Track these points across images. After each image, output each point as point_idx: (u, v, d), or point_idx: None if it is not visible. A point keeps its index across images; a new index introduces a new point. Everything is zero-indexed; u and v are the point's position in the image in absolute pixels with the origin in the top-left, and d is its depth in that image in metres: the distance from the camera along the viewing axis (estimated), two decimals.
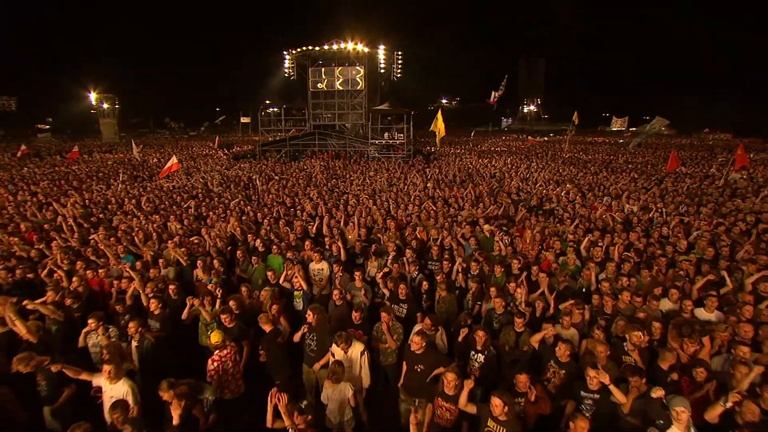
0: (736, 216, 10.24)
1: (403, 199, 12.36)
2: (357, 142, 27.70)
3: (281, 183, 15.31)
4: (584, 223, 9.65)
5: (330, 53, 27.91)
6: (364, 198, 12.28)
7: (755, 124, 65.21)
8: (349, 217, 10.03)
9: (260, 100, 35.63)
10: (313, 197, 12.59)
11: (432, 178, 16.41)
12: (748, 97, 70.70)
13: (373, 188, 13.91)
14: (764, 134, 59.47)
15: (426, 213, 10.26)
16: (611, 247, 7.58)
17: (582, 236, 8.49)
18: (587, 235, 8.70)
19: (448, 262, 7.08)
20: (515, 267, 6.72)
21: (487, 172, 18.05)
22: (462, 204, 11.86)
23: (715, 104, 71.12)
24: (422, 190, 13.27)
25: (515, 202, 11.68)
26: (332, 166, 20.75)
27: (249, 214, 10.53)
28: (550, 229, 8.97)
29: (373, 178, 16.28)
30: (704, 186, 15.36)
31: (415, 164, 22.02)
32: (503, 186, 14.45)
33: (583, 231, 9.05)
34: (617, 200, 12.08)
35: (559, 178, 16.61)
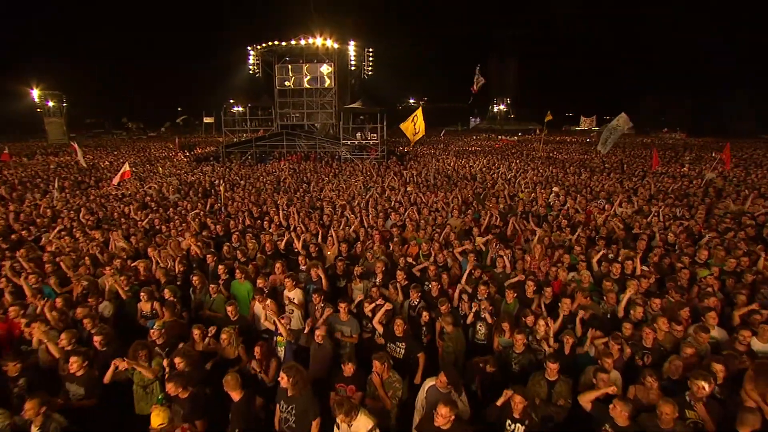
0: (737, 219, 9.82)
1: (383, 205, 11.24)
2: (327, 142, 26.35)
3: (247, 189, 13.82)
4: (585, 230, 8.84)
5: (297, 49, 26.37)
6: (341, 205, 11.07)
7: (708, 125, 68.55)
8: (325, 228, 8.81)
9: (224, 99, 33.55)
10: (283, 205, 11.26)
11: (411, 181, 15.38)
12: (701, 99, 74.06)
13: (349, 194, 12.69)
14: (716, 134, 62.55)
15: (411, 222, 9.17)
16: (627, 261, 6.71)
17: (586, 246, 7.64)
18: (593, 246, 7.94)
19: (438, 284, 6.02)
20: (530, 290, 5.72)
21: (467, 174, 17.19)
22: (450, 210, 10.87)
23: (671, 105, 74.05)
24: (403, 195, 12.18)
25: (503, 213, 10.76)
26: (302, 169, 19.36)
27: (210, 227, 9.09)
28: (551, 239, 8.08)
29: (347, 181, 15.05)
30: (684, 186, 15.11)
31: (390, 166, 20.95)
32: (488, 189, 13.58)
33: (586, 240, 8.23)
34: (610, 203, 11.45)
35: (541, 180, 15.94)
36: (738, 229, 8.65)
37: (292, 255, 7.51)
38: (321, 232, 8.13)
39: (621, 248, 7.74)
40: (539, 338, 4.82)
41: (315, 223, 8.89)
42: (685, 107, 75.58)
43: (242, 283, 6.27)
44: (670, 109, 76.28)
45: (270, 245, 7.54)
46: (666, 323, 4.74)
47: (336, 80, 27.35)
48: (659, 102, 74.75)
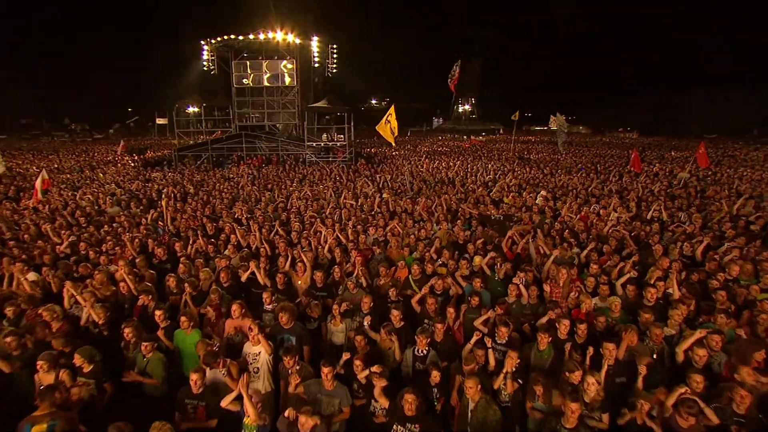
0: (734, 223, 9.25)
1: (358, 215, 9.90)
2: (291, 144, 24.63)
3: (200, 199, 12.03)
4: (591, 242, 7.88)
5: (256, 44, 24.46)
6: (310, 217, 9.61)
7: (659, 124, 71.80)
8: (292, 246, 7.38)
9: (177, 98, 30.97)
10: (243, 218, 9.65)
11: (386, 187, 14.10)
12: (652, 99, 77.44)
13: (319, 203, 11.23)
14: (666, 133, 65.54)
15: (396, 238, 7.88)
16: (658, 282, 5.71)
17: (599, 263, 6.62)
18: (602, 261, 6.99)
19: (444, 323, 4.78)
20: (563, 330, 4.56)
21: (444, 177, 16.12)
22: (435, 220, 9.68)
23: (625, 106, 76.96)
24: (381, 204, 10.87)
25: (485, 218, 9.67)
26: (264, 174, 17.62)
27: (153, 251, 7.40)
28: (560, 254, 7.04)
29: (316, 189, 13.55)
30: (665, 186, 14.75)
31: (360, 169, 19.59)
32: (470, 194, 12.52)
33: (597, 254, 7.26)
34: (604, 207, 10.65)
35: (522, 182, 15.10)
36: (744, 234, 7.99)
37: (255, 287, 6.04)
38: (289, 254, 6.67)
39: (635, 262, 6.82)
40: (588, 402, 3.66)
41: (283, 242, 7.41)
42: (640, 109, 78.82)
43: (189, 334, 4.75)
44: (627, 110, 79.23)
45: (226, 275, 6.02)
46: (751, 374, 3.70)
47: (298, 78, 25.68)
48: (616, 103, 77.44)
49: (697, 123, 69.85)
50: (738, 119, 64.83)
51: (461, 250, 7.73)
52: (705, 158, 14.52)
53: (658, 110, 77.03)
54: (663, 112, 75.74)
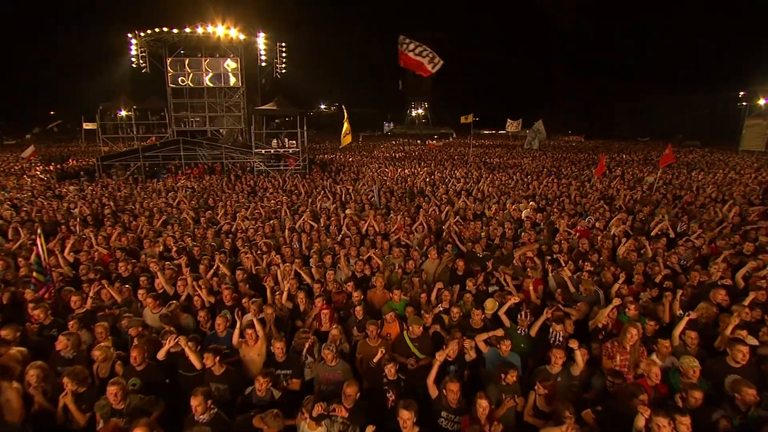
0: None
1: (322, 241, 8.09)
2: (237, 151, 22.16)
3: (117, 223, 9.58)
4: (607, 266, 6.64)
5: (193, 39, 21.74)
6: (263, 244, 7.66)
7: (601, 128, 75.68)
8: (240, 294, 5.49)
9: (102, 100, 27.28)
10: (172, 247, 7.50)
11: (349, 200, 12.34)
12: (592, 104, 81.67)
13: (272, 225, 9.24)
14: (608, 136, 69.04)
15: (378, 276, 6.16)
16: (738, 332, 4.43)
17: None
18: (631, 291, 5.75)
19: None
20: (643, 420, 3.07)
21: (413, 187, 14.63)
22: (415, 243, 8.09)
23: (569, 110, 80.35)
24: (348, 224, 9.09)
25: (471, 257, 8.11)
26: (205, 186, 15.20)
27: (33, 312, 5.16)
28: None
29: (267, 206, 11.50)
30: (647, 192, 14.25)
31: (316, 178, 17.68)
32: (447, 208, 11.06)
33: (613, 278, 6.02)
34: (597, 219, 9.60)
35: (496, 190, 13.93)
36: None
37: (185, 368, 4.10)
38: (238, 319, 4.71)
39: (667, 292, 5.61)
40: None
41: (228, 288, 5.46)
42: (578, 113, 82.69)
43: None
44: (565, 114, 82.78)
45: (139, 354, 4.02)
46: None
47: (243, 78, 23.26)
48: (561, 107, 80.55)
49: (628, 127, 74.51)
50: (664, 124, 69.77)
51: (459, 282, 6.22)
52: (671, 157, 14.13)
53: (592, 115, 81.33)
54: (597, 116, 79.98)
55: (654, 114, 74.26)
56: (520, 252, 6.48)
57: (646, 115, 75.79)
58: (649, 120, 74.00)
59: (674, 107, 69.66)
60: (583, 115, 79.78)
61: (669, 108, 70.83)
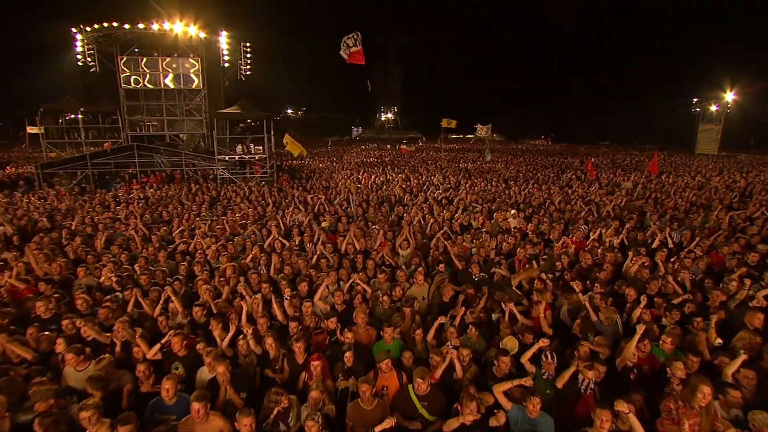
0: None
1: (295, 263, 7.04)
2: (198, 158, 20.60)
3: (47, 244, 8.12)
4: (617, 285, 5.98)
5: (148, 37, 20.04)
6: (225, 275, 6.50)
7: (565, 131, 77.75)
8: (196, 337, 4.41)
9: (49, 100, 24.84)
10: (110, 281, 6.22)
11: (324, 211, 11.30)
12: (555, 109, 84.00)
13: (237, 245, 8.07)
14: (573, 140, 70.92)
15: (360, 312, 5.17)
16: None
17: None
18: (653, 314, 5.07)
19: None
20: None
21: (390, 195, 13.74)
22: (400, 263, 7.18)
23: (534, 114, 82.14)
24: (325, 242, 8.06)
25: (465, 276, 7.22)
26: (161, 197, 13.72)
27: None
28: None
29: (231, 221, 10.29)
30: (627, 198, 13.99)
31: (285, 187, 16.50)
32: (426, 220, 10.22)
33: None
34: (591, 229, 9.02)
35: (478, 198, 13.25)
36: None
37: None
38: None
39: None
40: None
41: (179, 335, 4.34)
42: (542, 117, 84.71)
43: None
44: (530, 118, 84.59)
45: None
46: None
47: (205, 79, 21.73)
48: (526, 112, 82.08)
49: (589, 131, 76.99)
50: (622, 128, 72.61)
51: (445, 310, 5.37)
52: (655, 166, 13.95)
53: (555, 119, 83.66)
54: (560, 121, 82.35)
55: (613, 119, 77.00)
56: (519, 278, 5.66)
57: (606, 120, 78.50)
58: (608, 125, 76.72)
59: (632, 112, 72.45)
60: (547, 120, 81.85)
61: (627, 113, 73.59)
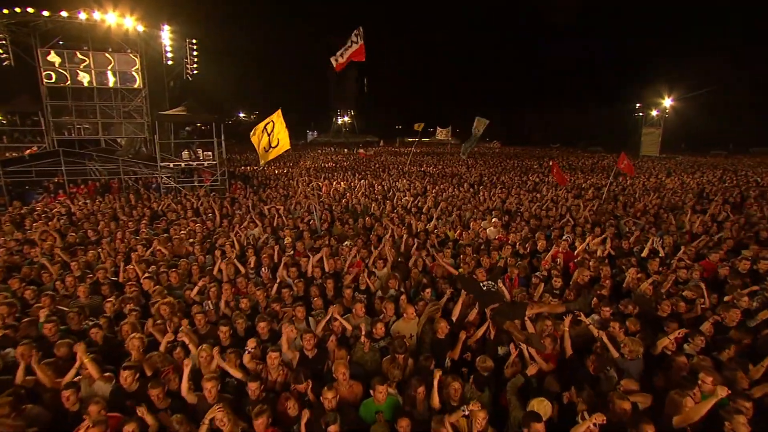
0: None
1: (247, 288, 5.87)
2: (139, 165, 18.54)
3: None
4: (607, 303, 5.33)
5: (75, 28, 17.69)
6: (161, 310, 5.23)
7: (517, 135, 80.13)
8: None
9: None
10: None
11: (282, 226, 10.07)
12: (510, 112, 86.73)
13: (180, 275, 6.73)
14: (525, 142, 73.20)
15: (341, 360, 4.13)
16: None
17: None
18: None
19: None
20: None
21: (355, 204, 12.72)
22: (390, 290, 6.18)
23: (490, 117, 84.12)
24: (289, 265, 6.90)
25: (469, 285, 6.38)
26: (91, 211, 11.86)
27: None
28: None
29: (176, 237, 8.85)
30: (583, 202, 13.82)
31: (237, 196, 15.04)
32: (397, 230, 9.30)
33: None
34: (575, 235, 8.48)
35: (449, 205, 12.54)
36: None
37: None
38: None
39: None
40: None
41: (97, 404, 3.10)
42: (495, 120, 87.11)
43: None
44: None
45: None
46: None
47: (145, 78, 19.68)
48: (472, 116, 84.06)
49: (539, 134, 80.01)
50: (569, 131, 76.06)
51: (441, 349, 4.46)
52: (630, 168, 13.85)
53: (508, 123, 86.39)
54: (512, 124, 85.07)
55: (561, 123, 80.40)
56: (537, 311, 4.79)
57: (553, 123, 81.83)
58: (555, 128, 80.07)
59: (578, 116, 75.98)
60: (500, 123, 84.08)
61: (573, 117, 77.10)
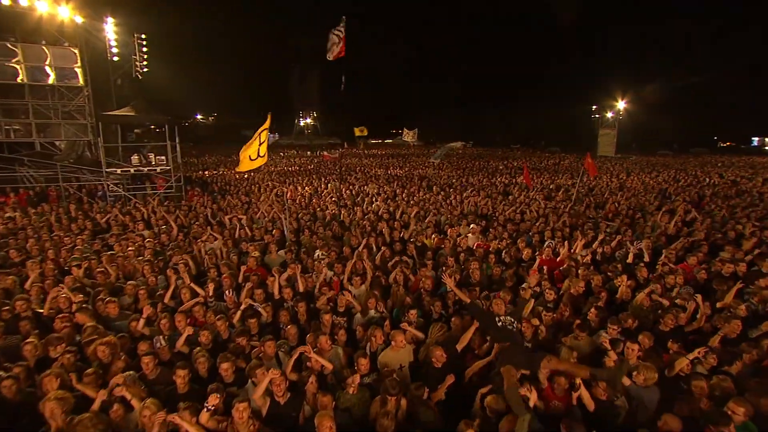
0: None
1: (205, 317, 5.05)
2: (82, 171, 16.88)
3: None
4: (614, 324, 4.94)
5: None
6: (97, 352, 4.30)
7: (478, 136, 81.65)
8: None
9: None
10: None
11: (243, 238, 9.17)
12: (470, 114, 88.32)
13: (123, 305, 5.77)
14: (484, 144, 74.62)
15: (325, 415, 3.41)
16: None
17: None
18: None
19: None
20: None
21: (324, 212, 11.96)
22: (369, 310, 5.51)
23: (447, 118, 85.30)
24: (252, 285, 6.09)
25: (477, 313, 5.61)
26: (19, 224, 10.40)
27: None
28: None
29: (119, 255, 7.77)
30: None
31: (196, 206, 13.85)
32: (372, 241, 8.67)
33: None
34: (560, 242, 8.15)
35: (421, 210, 12.05)
36: None
37: None
38: None
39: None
40: None
41: None
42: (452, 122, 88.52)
43: None
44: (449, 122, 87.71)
45: None
46: None
47: (87, 75, 17.93)
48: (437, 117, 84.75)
49: (499, 136, 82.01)
50: (528, 133, 78.47)
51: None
52: (593, 168, 13.92)
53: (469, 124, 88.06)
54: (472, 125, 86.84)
55: (520, 124, 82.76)
56: (553, 366, 4.01)
57: (513, 125, 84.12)
58: (516, 129, 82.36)
59: (537, 118, 78.44)
60: (461, 124, 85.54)
61: (532, 119, 79.54)
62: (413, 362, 4.60)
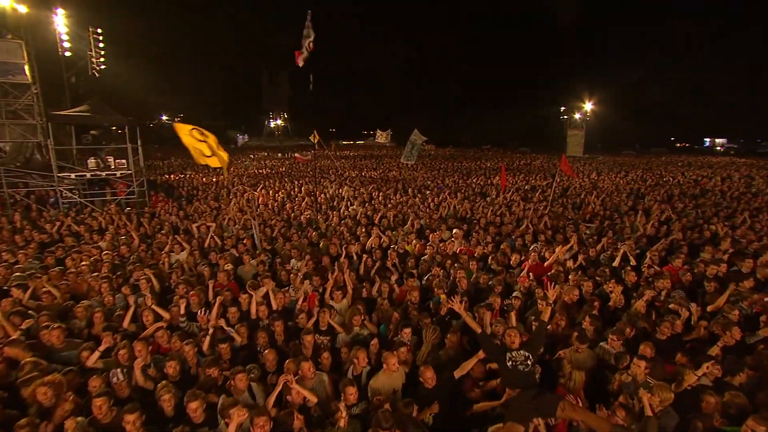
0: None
1: (170, 343, 4.47)
2: (32, 175, 15.56)
3: None
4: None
5: None
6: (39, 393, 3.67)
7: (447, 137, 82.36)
8: None
9: None
10: None
11: (212, 247, 8.51)
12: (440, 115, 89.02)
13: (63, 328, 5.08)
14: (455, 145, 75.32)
15: None
16: None
17: None
18: None
19: None
20: None
21: (298, 218, 11.39)
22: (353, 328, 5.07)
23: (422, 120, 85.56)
24: (227, 300, 5.51)
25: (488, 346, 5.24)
26: None
27: None
28: None
29: (73, 275, 6.98)
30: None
31: (159, 211, 12.98)
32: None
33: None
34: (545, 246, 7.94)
35: (398, 213, 11.69)
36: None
37: None
38: None
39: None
40: None
41: None
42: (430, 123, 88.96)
43: None
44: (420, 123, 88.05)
45: None
46: None
47: (36, 71, 16.54)
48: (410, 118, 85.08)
49: (469, 137, 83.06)
50: (497, 133, 79.79)
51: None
52: (569, 168, 13.90)
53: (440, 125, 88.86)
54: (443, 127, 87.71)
55: (489, 125, 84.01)
56: (568, 414, 3.61)
57: (482, 126, 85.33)
58: (485, 130, 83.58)
59: (506, 119, 79.83)
60: (433, 125, 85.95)
61: (502, 120, 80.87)
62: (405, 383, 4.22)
